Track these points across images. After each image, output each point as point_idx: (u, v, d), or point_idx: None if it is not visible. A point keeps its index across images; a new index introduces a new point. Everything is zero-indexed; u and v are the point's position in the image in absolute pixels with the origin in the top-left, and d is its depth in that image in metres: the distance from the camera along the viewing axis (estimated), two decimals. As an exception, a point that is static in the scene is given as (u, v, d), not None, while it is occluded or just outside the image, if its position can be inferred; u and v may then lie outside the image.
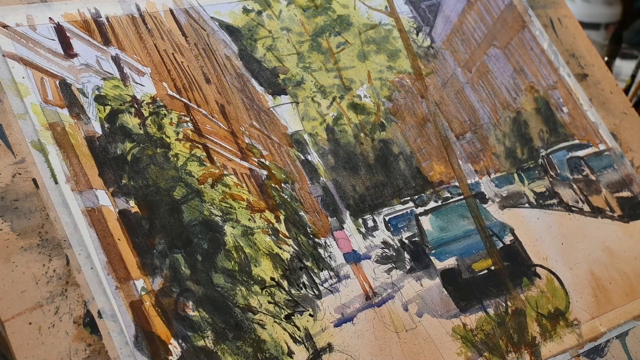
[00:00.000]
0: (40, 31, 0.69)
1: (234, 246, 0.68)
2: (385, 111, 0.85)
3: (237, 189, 0.71)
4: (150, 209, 0.66)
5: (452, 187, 0.85)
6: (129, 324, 0.60)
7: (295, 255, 0.71)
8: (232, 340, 0.64)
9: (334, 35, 0.86)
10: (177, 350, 0.61)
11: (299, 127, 0.79)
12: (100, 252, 0.62)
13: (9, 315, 0.56)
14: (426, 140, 0.86)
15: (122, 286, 0.61)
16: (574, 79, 0.99)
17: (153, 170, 0.68)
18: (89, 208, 0.63)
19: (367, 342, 0.70)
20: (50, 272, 0.59)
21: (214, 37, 0.78)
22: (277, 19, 0.83)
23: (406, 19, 0.91)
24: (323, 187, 0.77)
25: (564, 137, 0.94)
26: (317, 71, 0.83)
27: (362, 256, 0.75)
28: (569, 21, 1.03)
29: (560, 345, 0.78)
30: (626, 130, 0.99)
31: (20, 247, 0.59)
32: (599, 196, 0.92)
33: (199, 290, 0.65)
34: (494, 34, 0.96)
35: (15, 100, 0.64)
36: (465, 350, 0.74)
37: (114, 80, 0.70)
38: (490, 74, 0.94)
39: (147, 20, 0.75)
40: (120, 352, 0.59)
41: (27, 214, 0.60)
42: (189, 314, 0.63)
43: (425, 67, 0.90)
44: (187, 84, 0.74)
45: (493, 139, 0.90)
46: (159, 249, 0.65)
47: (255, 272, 0.68)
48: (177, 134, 0.71)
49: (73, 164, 0.64)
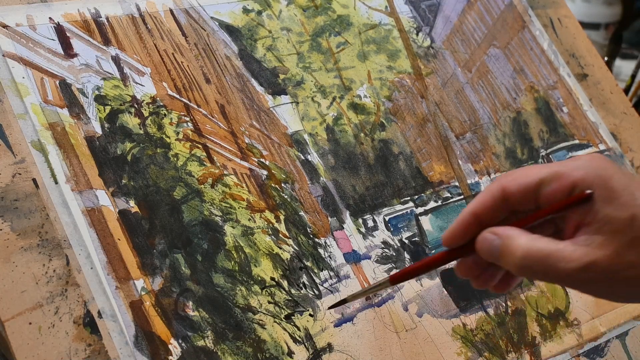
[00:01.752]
0: (40, 31, 0.69)
1: (234, 246, 0.68)
2: (385, 111, 0.85)
3: (237, 189, 0.71)
4: (150, 209, 0.66)
5: (452, 187, 0.85)
6: (129, 324, 0.60)
7: (295, 255, 0.71)
8: (232, 340, 0.64)
9: (334, 35, 0.86)
10: (177, 350, 0.61)
11: (299, 127, 0.79)
12: (100, 252, 0.62)
13: (9, 315, 0.56)
14: (426, 140, 0.86)
15: (122, 286, 0.61)
16: (574, 79, 0.99)
17: (153, 170, 0.68)
18: (89, 208, 0.63)
19: (367, 342, 0.70)
20: (50, 272, 0.59)
21: (214, 37, 0.78)
22: (277, 19, 0.83)
23: (406, 19, 0.91)
24: (323, 187, 0.77)
25: (564, 137, 0.94)
26: (317, 71, 0.83)
27: (362, 256, 0.75)
28: (569, 21, 1.03)
29: (560, 345, 0.78)
30: (626, 130, 0.99)
31: (20, 247, 0.59)
32: (599, 196, 0.92)
33: (199, 290, 0.65)
34: (494, 34, 0.96)
35: (15, 100, 0.64)
36: (465, 350, 0.74)
37: (114, 80, 0.70)
38: (490, 74, 0.94)
39: (147, 20, 0.75)
40: (120, 352, 0.59)
41: (27, 214, 0.60)
42: (189, 314, 0.63)
43: (425, 67, 0.90)
44: (187, 84, 0.74)
45: (493, 139, 0.90)
46: (159, 249, 0.65)
47: (255, 272, 0.68)
48: (177, 134, 0.71)
49: (73, 164, 0.64)
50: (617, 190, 0.51)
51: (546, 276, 0.53)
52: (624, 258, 0.50)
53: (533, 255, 0.52)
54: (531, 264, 0.52)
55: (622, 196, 0.51)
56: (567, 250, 0.51)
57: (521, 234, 0.53)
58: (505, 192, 0.54)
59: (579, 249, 0.51)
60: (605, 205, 0.51)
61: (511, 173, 0.55)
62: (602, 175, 0.51)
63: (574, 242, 0.51)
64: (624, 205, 0.51)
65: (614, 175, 0.52)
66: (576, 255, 0.51)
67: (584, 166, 0.52)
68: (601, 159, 0.53)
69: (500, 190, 0.54)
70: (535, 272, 0.53)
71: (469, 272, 0.58)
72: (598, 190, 0.51)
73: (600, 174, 0.51)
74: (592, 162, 0.53)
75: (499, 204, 0.54)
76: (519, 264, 0.52)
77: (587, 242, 0.51)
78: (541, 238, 0.52)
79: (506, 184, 0.54)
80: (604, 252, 0.50)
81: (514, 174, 0.55)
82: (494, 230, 0.54)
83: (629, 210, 0.50)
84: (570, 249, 0.51)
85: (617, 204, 0.51)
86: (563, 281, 0.52)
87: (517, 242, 0.52)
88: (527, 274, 0.54)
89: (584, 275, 0.51)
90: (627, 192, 0.51)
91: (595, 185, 0.51)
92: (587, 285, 0.52)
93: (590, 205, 0.51)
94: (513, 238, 0.53)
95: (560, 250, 0.51)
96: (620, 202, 0.51)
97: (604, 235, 0.51)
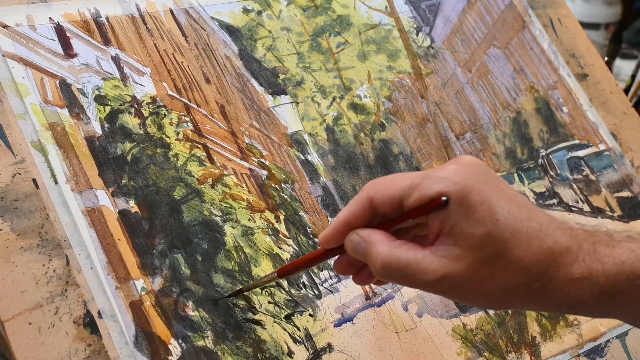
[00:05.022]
0: (40, 31, 0.69)
1: (234, 246, 0.68)
2: (385, 111, 0.85)
3: (237, 189, 0.71)
4: (150, 209, 0.66)
5: (452, 187, 0.85)
6: (129, 324, 0.60)
7: (295, 255, 0.71)
8: (232, 340, 0.64)
9: (334, 35, 0.86)
10: (177, 350, 0.61)
11: (299, 127, 0.79)
12: (100, 252, 0.62)
13: (9, 315, 0.56)
14: (426, 140, 0.86)
15: (122, 286, 0.61)
16: (574, 79, 0.99)
17: (153, 170, 0.68)
18: (89, 208, 0.63)
19: (367, 342, 0.70)
20: (50, 272, 0.59)
21: (214, 37, 0.78)
22: (277, 19, 0.83)
23: (406, 19, 0.91)
24: (323, 187, 0.77)
25: (564, 137, 0.94)
26: (317, 71, 0.83)
27: (362, 256, 0.75)
28: (569, 21, 1.03)
29: (560, 345, 0.78)
30: (626, 130, 0.99)
31: (20, 247, 0.59)
32: (599, 196, 0.92)
33: (199, 290, 0.65)
34: (494, 34, 0.96)
35: (15, 100, 0.64)
36: (465, 350, 0.74)
37: (114, 80, 0.70)
38: (490, 74, 0.94)
39: (147, 20, 0.75)
40: (120, 352, 0.59)
41: (27, 214, 0.60)
42: (189, 314, 0.63)
43: (425, 67, 0.90)
44: (187, 84, 0.74)
45: (493, 139, 0.90)
46: (159, 249, 0.65)
47: (255, 272, 0.68)
48: (177, 134, 0.71)
49: (73, 164, 0.64)
50: (475, 204, 0.50)
51: (406, 284, 0.54)
52: (478, 273, 0.51)
53: (392, 264, 0.52)
54: (390, 272, 0.53)
55: (478, 211, 0.50)
56: (425, 261, 0.51)
57: (383, 240, 0.53)
58: (372, 202, 0.54)
59: (436, 260, 0.51)
60: (462, 219, 0.51)
61: (377, 182, 0.55)
62: (462, 189, 0.51)
63: (433, 252, 0.52)
64: (480, 221, 0.50)
65: (474, 187, 0.51)
66: (433, 267, 0.51)
67: (446, 178, 0.51)
68: (469, 168, 0.52)
69: (367, 200, 0.55)
70: (394, 279, 0.54)
71: (347, 270, 0.59)
72: (456, 204, 0.51)
73: (461, 186, 0.51)
74: (458, 173, 0.52)
75: (368, 212, 0.55)
76: (379, 271, 0.53)
77: (444, 253, 0.51)
78: (402, 245, 0.53)
79: (372, 195, 0.54)
80: (459, 266, 0.51)
81: (379, 184, 0.55)
82: (358, 232, 0.55)
83: (485, 226, 0.50)
84: (428, 260, 0.51)
85: (472, 219, 0.50)
86: (422, 289, 0.53)
87: (378, 249, 0.53)
88: (388, 280, 0.55)
89: (440, 287, 0.52)
90: (484, 206, 0.51)
91: (454, 198, 0.51)
92: (445, 294, 0.53)
93: (449, 215, 0.51)
94: (374, 244, 0.53)
95: (419, 261, 0.52)
96: (476, 217, 0.50)
97: (461, 248, 0.51)
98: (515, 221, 0.51)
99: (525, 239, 0.51)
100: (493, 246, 0.50)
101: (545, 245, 0.51)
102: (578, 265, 0.52)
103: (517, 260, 0.51)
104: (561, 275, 0.51)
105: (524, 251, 0.51)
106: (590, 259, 0.52)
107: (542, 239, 0.51)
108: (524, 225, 0.51)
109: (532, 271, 0.51)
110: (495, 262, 0.51)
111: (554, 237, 0.52)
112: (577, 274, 0.51)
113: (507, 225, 0.51)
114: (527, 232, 0.51)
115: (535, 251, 0.51)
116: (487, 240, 0.50)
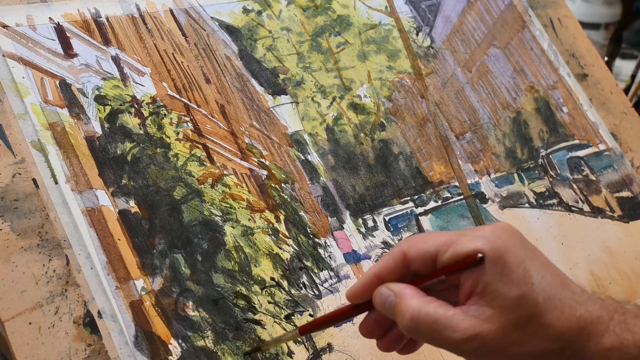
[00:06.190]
0: (40, 31, 0.69)
1: (234, 246, 0.68)
2: (385, 111, 0.85)
3: (237, 189, 0.71)
4: (150, 209, 0.66)
5: (452, 187, 0.85)
6: (129, 324, 0.60)
7: (295, 255, 0.71)
8: (232, 340, 0.64)
9: (334, 35, 0.86)
10: (177, 350, 0.61)
11: (299, 127, 0.79)
12: (100, 252, 0.62)
13: (9, 315, 0.56)
14: (426, 140, 0.86)
15: (122, 286, 0.61)
16: (574, 79, 0.99)
17: (153, 170, 0.68)
18: (89, 208, 0.63)
19: (367, 342, 0.70)
20: (50, 272, 0.59)
21: (214, 37, 0.78)
22: (277, 19, 0.83)
23: (406, 19, 0.92)
24: (323, 187, 0.77)
25: (564, 137, 0.95)
26: (317, 71, 0.83)
27: (362, 256, 0.75)
28: (569, 21, 1.03)
29: None
30: (626, 130, 0.99)
31: (20, 247, 0.59)
32: (599, 196, 0.92)
33: (199, 290, 0.65)
34: (494, 34, 0.96)
35: (15, 100, 0.64)
36: (465, 350, 0.74)
37: (114, 80, 0.70)
38: (490, 74, 0.94)
39: (147, 20, 0.75)
40: (120, 352, 0.59)
41: (27, 214, 0.60)
42: (189, 314, 0.63)
43: (425, 67, 0.90)
44: (187, 84, 0.74)
45: (493, 139, 0.90)
46: (159, 249, 0.65)
47: (255, 272, 0.68)
48: (177, 134, 0.71)
49: (73, 164, 0.64)
50: (511, 266, 0.50)
51: (432, 341, 0.52)
52: (509, 335, 0.50)
53: (421, 318, 0.51)
54: (418, 327, 0.52)
55: (513, 272, 0.50)
56: (455, 318, 0.51)
57: (414, 295, 0.53)
58: (406, 258, 0.54)
59: (466, 319, 0.50)
60: (497, 279, 0.50)
61: (412, 238, 0.55)
62: (498, 248, 0.50)
63: (464, 311, 0.51)
64: (515, 283, 0.50)
65: (510, 248, 0.51)
66: (463, 325, 0.50)
67: (482, 237, 0.51)
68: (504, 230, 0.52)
69: (401, 255, 0.54)
70: (422, 335, 0.52)
71: (373, 330, 0.57)
72: (492, 263, 0.50)
73: (497, 246, 0.51)
74: (494, 233, 0.52)
75: (400, 268, 0.54)
76: (407, 325, 0.52)
77: (476, 312, 0.51)
78: (433, 301, 0.52)
79: (407, 250, 0.54)
80: (490, 327, 0.50)
81: (414, 240, 0.54)
82: (389, 286, 0.54)
83: (519, 288, 0.50)
84: (459, 318, 0.51)
85: (507, 280, 0.50)
86: (448, 348, 0.52)
87: (407, 303, 0.52)
88: (415, 335, 0.53)
89: (468, 346, 0.51)
90: (520, 268, 0.50)
91: (490, 257, 0.50)
92: (471, 355, 0.52)
93: (483, 274, 0.50)
94: (405, 297, 0.53)
95: (449, 317, 0.51)
96: (511, 278, 0.50)
97: (493, 309, 0.50)
98: (549, 287, 0.51)
99: (558, 305, 0.51)
100: (526, 309, 0.50)
101: (578, 313, 0.51)
102: (609, 336, 0.51)
103: (550, 326, 0.50)
104: (592, 345, 0.51)
105: (556, 317, 0.50)
106: (621, 329, 0.52)
107: (574, 307, 0.51)
108: (557, 292, 0.51)
109: (564, 338, 0.51)
110: (527, 326, 0.50)
111: (586, 306, 0.51)
112: (608, 344, 0.51)
113: (542, 290, 0.50)
114: (560, 299, 0.51)
115: (567, 318, 0.51)
116: (521, 302, 0.50)
